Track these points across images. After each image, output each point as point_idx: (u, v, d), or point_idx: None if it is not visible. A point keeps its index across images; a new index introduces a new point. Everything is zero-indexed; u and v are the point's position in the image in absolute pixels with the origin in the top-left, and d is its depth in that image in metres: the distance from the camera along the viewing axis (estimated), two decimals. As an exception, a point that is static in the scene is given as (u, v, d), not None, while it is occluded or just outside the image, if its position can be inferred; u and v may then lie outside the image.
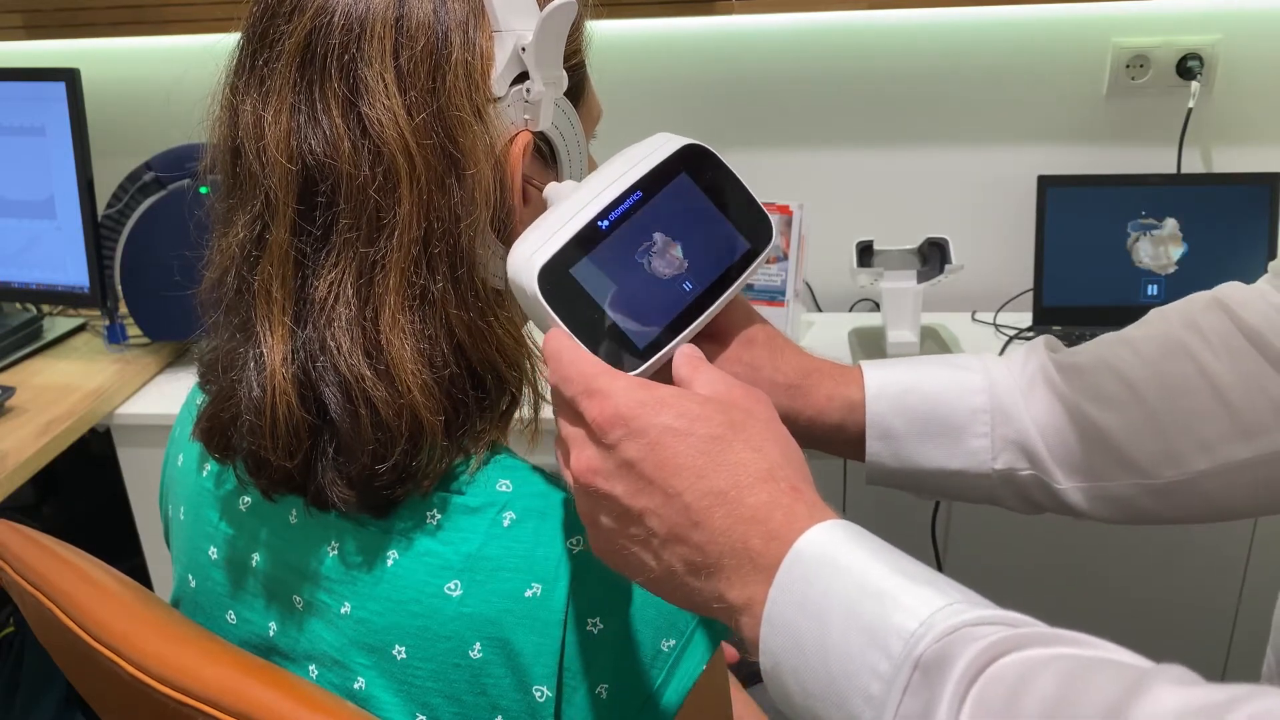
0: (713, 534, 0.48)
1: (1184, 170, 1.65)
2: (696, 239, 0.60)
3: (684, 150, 0.61)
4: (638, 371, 0.56)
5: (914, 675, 0.42)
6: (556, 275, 0.55)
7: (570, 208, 0.57)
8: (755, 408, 0.53)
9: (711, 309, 0.60)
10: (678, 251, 0.59)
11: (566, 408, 0.54)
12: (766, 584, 0.47)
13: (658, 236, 0.58)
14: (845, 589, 0.45)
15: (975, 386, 0.76)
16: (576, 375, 0.53)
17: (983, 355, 0.80)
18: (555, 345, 0.54)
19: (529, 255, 0.55)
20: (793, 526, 0.48)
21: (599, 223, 0.56)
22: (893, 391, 0.76)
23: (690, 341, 0.58)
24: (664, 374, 0.56)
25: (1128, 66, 1.62)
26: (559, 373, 0.53)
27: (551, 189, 0.63)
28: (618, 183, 0.58)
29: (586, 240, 0.56)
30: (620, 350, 0.56)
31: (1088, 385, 0.75)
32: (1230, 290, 0.75)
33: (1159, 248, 1.58)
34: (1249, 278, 0.76)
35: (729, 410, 0.52)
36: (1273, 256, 1.54)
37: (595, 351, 0.54)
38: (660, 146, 0.61)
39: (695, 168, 0.61)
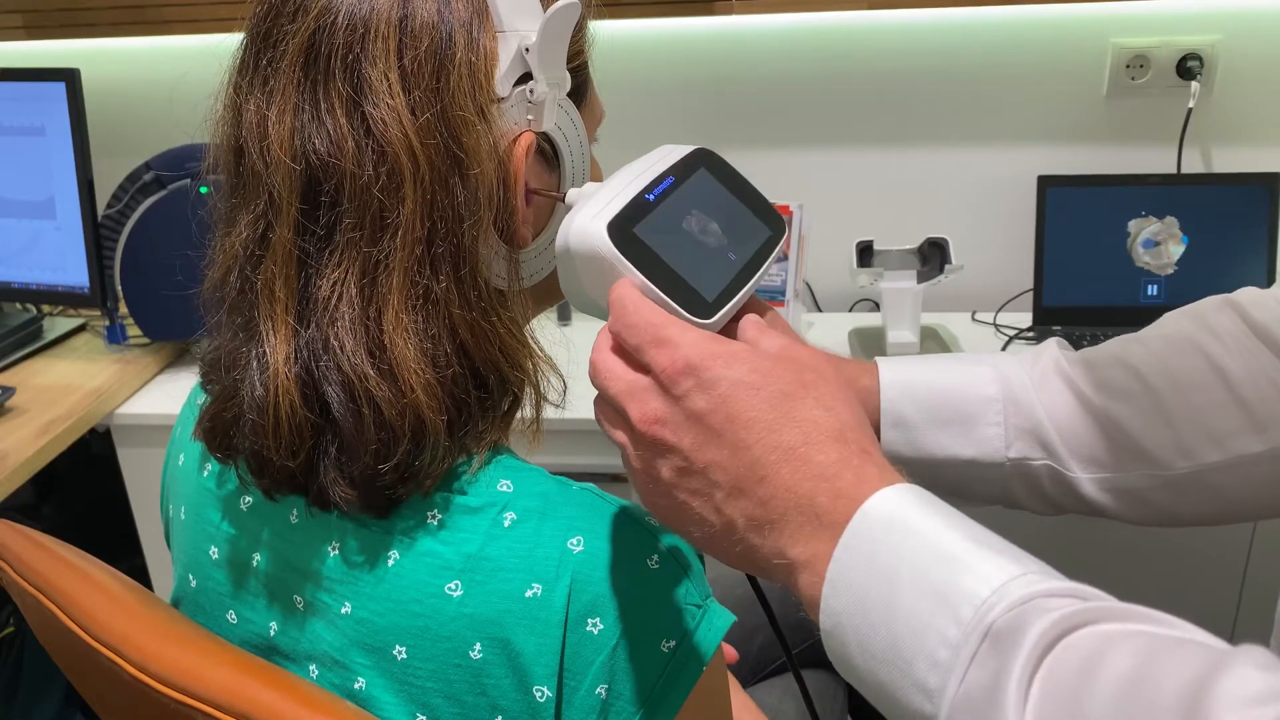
0: (778, 489, 0.48)
1: (1184, 170, 1.65)
2: (728, 221, 0.61)
3: (697, 151, 0.63)
4: (709, 322, 0.55)
5: (983, 644, 0.41)
6: (624, 231, 0.55)
7: (609, 191, 0.57)
8: (825, 369, 0.52)
9: (753, 281, 0.60)
10: (716, 228, 0.60)
11: (627, 357, 0.53)
12: (831, 542, 0.46)
13: (696, 213, 0.59)
14: (915, 552, 0.44)
15: (987, 377, 0.77)
16: (643, 324, 0.52)
17: (994, 353, 0.80)
18: (622, 292, 0.53)
19: (588, 219, 0.55)
20: (862, 487, 0.47)
21: (646, 195, 0.57)
22: (905, 381, 0.77)
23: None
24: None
25: (1128, 66, 1.62)
26: (624, 320, 0.52)
27: (573, 192, 0.63)
28: (647, 173, 0.59)
29: (639, 208, 0.57)
30: (691, 303, 0.55)
31: (1099, 378, 0.76)
32: (1243, 292, 0.75)
33: (1159, 247, 1.58)
34: (1248, 278, 0.77)
35: (800, 369, 0.51)
36: (1273, 256, 1.54)
37: (672, 302, 0.54)
38: (672, 151, 0.62)
39: (710, 165, 0.63)
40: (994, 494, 0.78)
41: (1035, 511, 0.79)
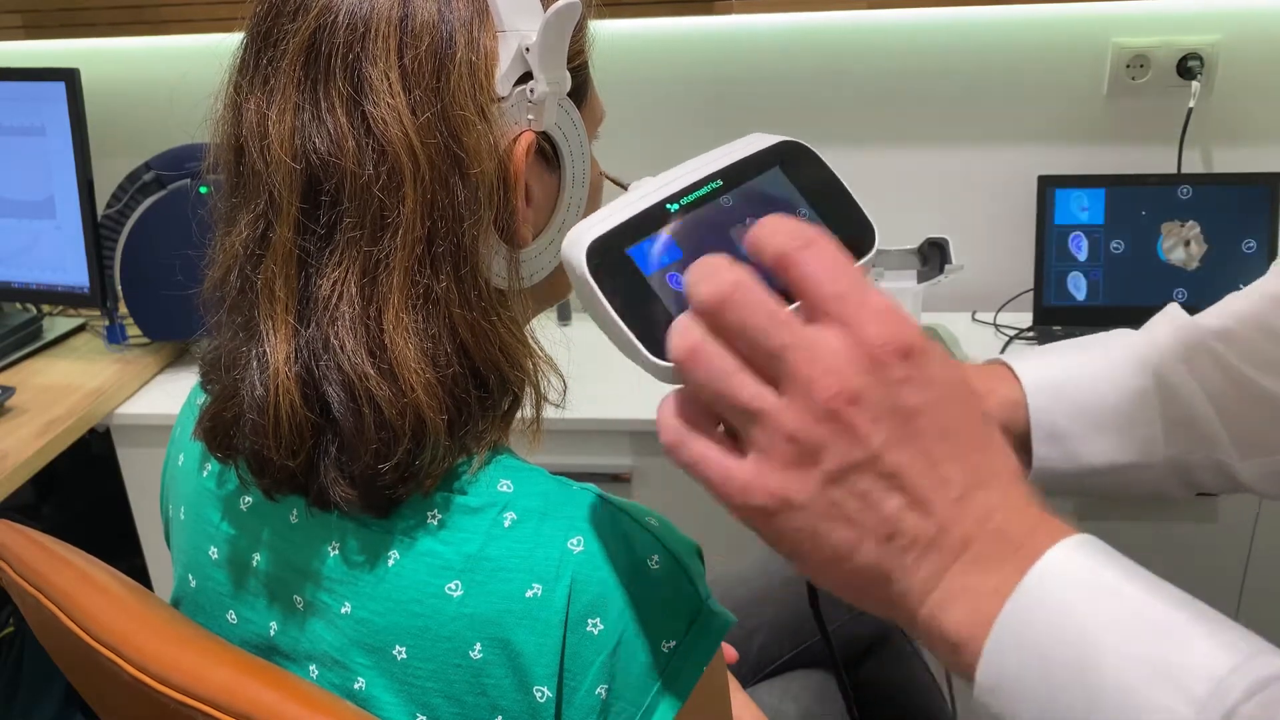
0: (964, 516, 0.42)
1: (1184, 170, 1.65)
2: None
3: (780, 145, 0.55)
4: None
5: None
6: (611, 250, 0.50)
7: (641, 192, 0.53)
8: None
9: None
10: None
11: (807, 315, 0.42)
12: (1005, 586, 0.41)
13: (751, 221, 0.50)
14: (1117, 616, 0.40)
15: (1133, 366, 0.69)
16: (849, 275, 0.42)
17: (1120, 332, 0.73)
18: (808, 232, 0.44)
19: (585, 229, 0.50)
20: (1043, 535, 0.42)
21: (667, 205, 0.51)
22: (1051, 384, 0.69)
23: None
24: None
25: (1128, 66, 1.62)
26: (829, 266, 0.42)
27: (635, 184, 0.57)
28: (696, 171, 0.53)
29: (649, 221, 0.51)
30: (665, 341, 0.48)
31: (1246, 350, 0.68)
32: None
33: (1186, 248, 1.57)
34: (1249, 278, 0.75)
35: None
36: (1273, 256, 1.54)
37: (637, 336, 0.48)
38: (752, 142, 0.56)
39: (791, 163, 0.55)
40: (1142, 492, 0.72)
41: (1177, 496, 0.73)
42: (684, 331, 0.43)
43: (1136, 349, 0.70)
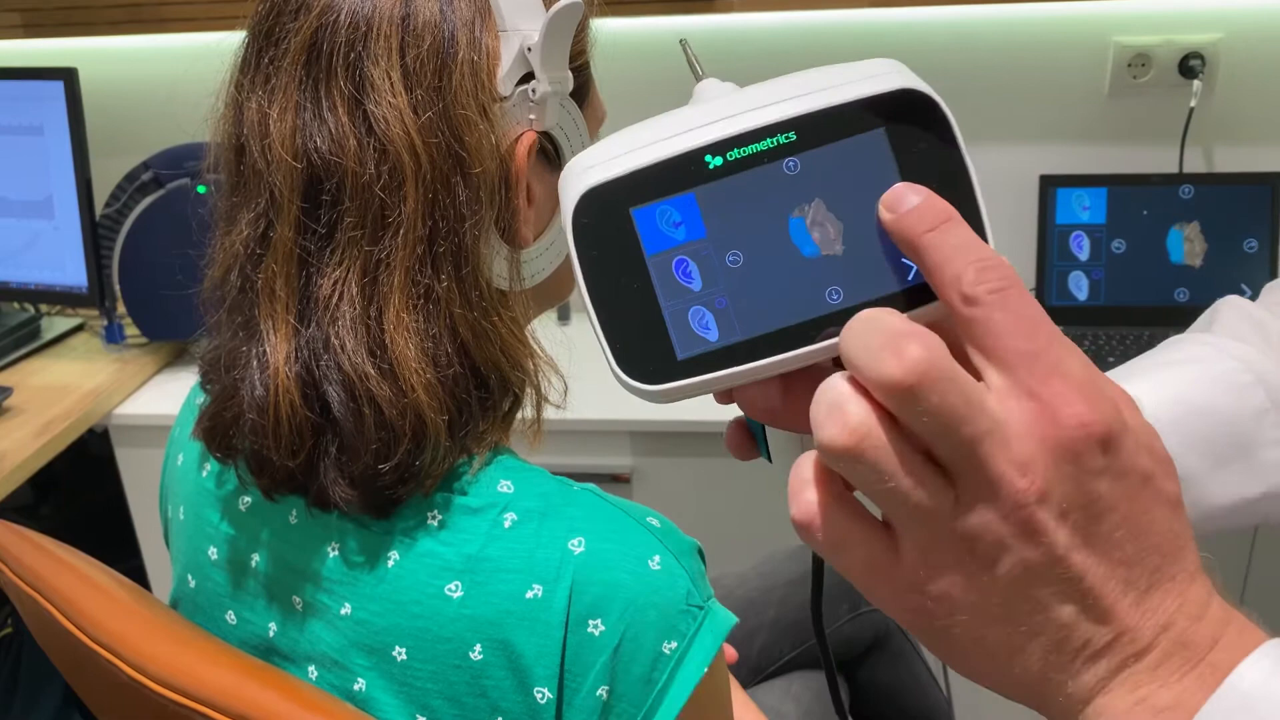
0: (1145, 619, 0.36)
1: (1186, 170, 1.65)
2: (856, 229, 0.37)
3: (898, 95, 0.37)
4: (654, 390, 0.36)
5: None
6: (609, 208, 0.36)
7: (684, 122, 0.37)
8: None
9: (829, 343, 0.36)
10: (832, 235, 0.37)
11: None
12: (1182, 709, 0.35)
13: (818, 203, 0.37)
14: None
15: (1243, 379, 0.62)
16: (1045, 328, 0.34)
17: (1203, 338, 0.65)
18: (954, 230, 0.36)
19: (587, 165, 0.37)
20: (1225, 642, 0.36)
21: (707, 157, 0.36)
22: (1171, 416, 0.61)
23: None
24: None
25: (1129, 65, 1.62)
26: (1013, 304, 0.34)
27: (705, 85, 0.42)
28: (774, 108, 0.37)
29: (676, 174, 0.36)
30: (643, 352, 0.36)
31: None
32: None
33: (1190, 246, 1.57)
34: (1249, 278, 0.74)
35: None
36: (1274, 256, 1.54)
37: (608, 337, 0.36)
38: (870, 77, 0.37)
39: (904, 126, 0.37)
40: (1254, 523, 0.66)
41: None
42: (846, 415, 0.34)
43: (1241, 356, 0.63)
